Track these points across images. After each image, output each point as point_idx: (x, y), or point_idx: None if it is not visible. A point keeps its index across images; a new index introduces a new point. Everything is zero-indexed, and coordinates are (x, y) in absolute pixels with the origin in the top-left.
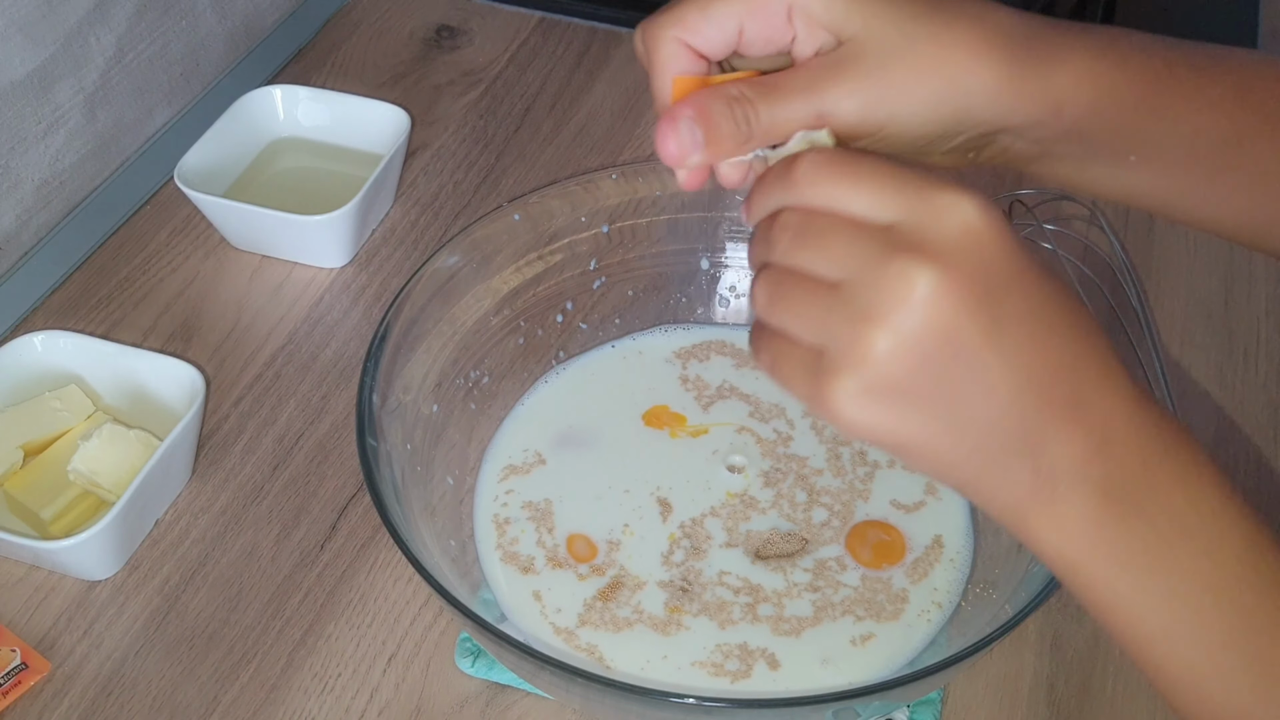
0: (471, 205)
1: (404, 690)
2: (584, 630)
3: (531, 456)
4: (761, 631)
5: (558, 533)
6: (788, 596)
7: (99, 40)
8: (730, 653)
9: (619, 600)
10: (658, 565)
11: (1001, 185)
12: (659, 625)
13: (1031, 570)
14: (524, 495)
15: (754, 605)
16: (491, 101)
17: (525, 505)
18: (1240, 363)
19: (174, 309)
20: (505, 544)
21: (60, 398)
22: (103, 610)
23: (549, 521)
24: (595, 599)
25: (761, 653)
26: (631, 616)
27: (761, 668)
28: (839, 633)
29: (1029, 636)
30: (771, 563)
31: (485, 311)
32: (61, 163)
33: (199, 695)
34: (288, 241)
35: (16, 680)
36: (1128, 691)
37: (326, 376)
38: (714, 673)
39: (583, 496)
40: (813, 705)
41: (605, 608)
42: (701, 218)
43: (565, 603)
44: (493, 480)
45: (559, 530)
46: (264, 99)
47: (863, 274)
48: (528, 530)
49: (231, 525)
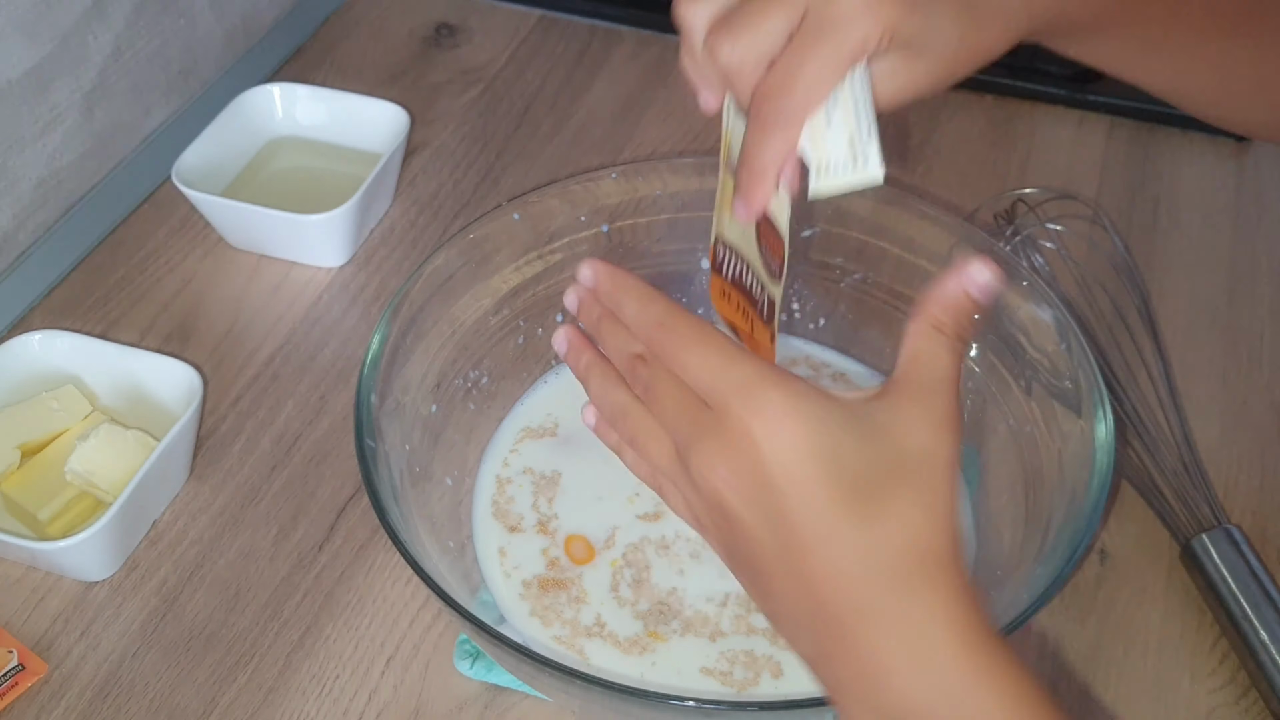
0: (471, 204)
1: (402, 692)
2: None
3: (530, 456)
4: (759, 641)
5: (558, 536)
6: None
7: (96, 39)
8: (735, 659)
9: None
10: (654, 568)
11: (1004, 186)
12: (640, 642)
13: (1033, 574)
14: (523, 497)
15: (745, 616)
16: (491, 100)
17: (525, 507)
18: (1244, 362)
19: (172, 308)
20: (504, 545)
21: (57, 398)
22: (100, 611)
23: (549, 525)
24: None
25: (767, 661)
26: (624, 621)
27: (765, 676)
28: None
29: (1031, 638)
30: None
31: (484, 311)
32: (59, 161)
33: (196, 697)
34: (286, 241)
35: (13, 681)
36: (1130, 694)
37: (325, 376)
38: (717, 680)
39: (583, 498)
40: (813, 708)
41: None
42: (701, 217)
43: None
44: (491, 481)
45: (559, 533)
46: (262, 97)
47: (682, 439)
48: (528, 534)
49: (229, 526)
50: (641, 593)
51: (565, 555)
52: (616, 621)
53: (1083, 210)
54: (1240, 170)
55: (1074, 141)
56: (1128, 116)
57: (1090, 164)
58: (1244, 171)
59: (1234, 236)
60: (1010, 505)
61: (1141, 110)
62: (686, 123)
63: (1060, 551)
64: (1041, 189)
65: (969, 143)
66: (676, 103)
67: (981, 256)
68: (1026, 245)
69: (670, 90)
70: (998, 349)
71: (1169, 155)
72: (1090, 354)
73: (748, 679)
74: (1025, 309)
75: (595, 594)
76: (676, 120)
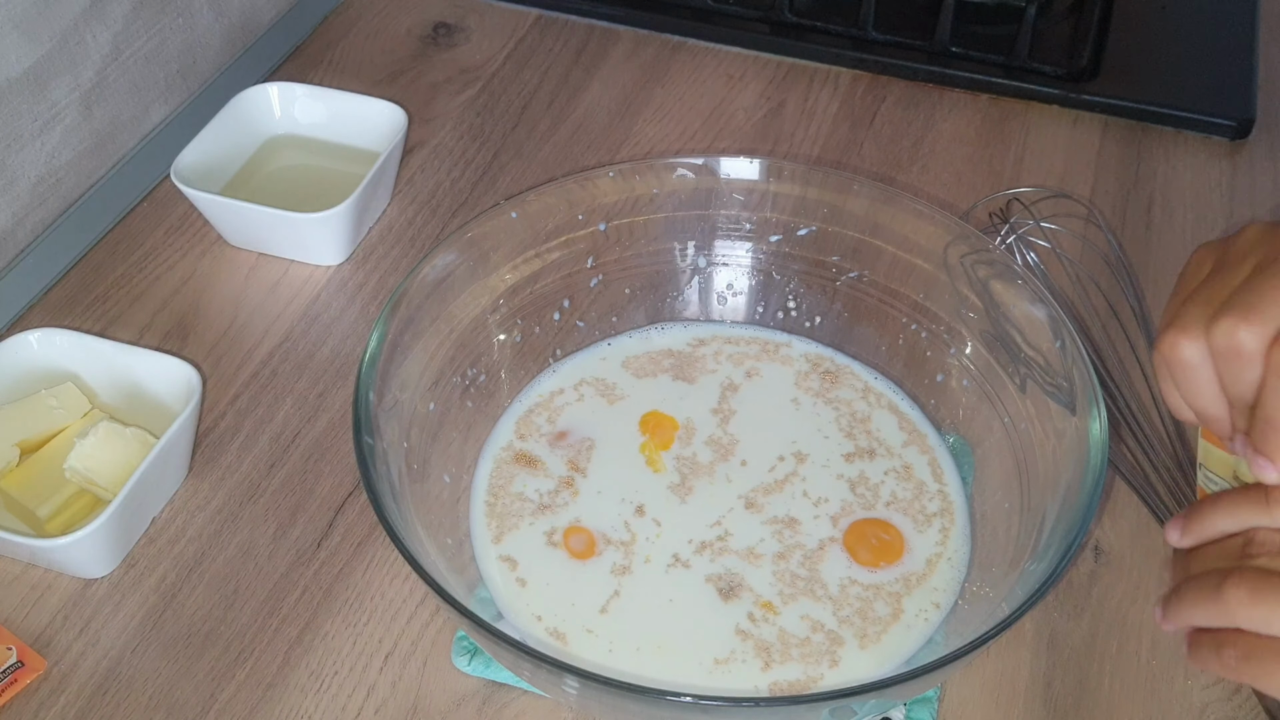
0: (468, 203)
1: (400, 688)
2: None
3: (529, 456)
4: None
5: (556, 533)
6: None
7: (95, 37)
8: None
9: (633, 572)
10: (655, 564)
11: (999, 184)
12: (657, 623)
13: (1028, 570)
14: (521, 496)
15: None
16: (489, 99)
17: (523, 505)
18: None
19: (170, 307)
20: (502, 542)
21: (56, 395)
22: (99, 608)
23: (548, 521)
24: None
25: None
26: (629, 611)
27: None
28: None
29: (1025, 635)
30: (778, 565)
31: (482, 309)
32: (57, 160)
33: (195, 693)
34: (284, 239)
35: (13, 678)
36: (1124, 689)
37: (323, 374)
38: (715, 670)
39: (585, 493)
40: (809, 703)
41: (621, 581)
42: (698, 215)
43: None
44: (489, 478)
45: (557, 530)
46: (260, 96)
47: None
48: (525, 529)
49: (228, 523)
50: (642, 590)
51: (564, 550)
52: (615, 619)
53: (1077, 209)
54: (1234, 169)
55: (1068, 140)
56: (1122, 116)
57: (1084, 163)
58: (1237, 170)
59: (1227, 235)
60: (1005, 501)
61: (1135, 109)
62: (683, 121)
63: (1055, 548)
64: (1036, 187)
65: (964, 142)
66: (673, 102)
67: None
68: (1021, 243)
69: (667, 89)
70: (993, 347)
71: (1163, 154)
72: (1084, 352)
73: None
74: (1020, 307)
75: (593, 591)
76: (673, 119)
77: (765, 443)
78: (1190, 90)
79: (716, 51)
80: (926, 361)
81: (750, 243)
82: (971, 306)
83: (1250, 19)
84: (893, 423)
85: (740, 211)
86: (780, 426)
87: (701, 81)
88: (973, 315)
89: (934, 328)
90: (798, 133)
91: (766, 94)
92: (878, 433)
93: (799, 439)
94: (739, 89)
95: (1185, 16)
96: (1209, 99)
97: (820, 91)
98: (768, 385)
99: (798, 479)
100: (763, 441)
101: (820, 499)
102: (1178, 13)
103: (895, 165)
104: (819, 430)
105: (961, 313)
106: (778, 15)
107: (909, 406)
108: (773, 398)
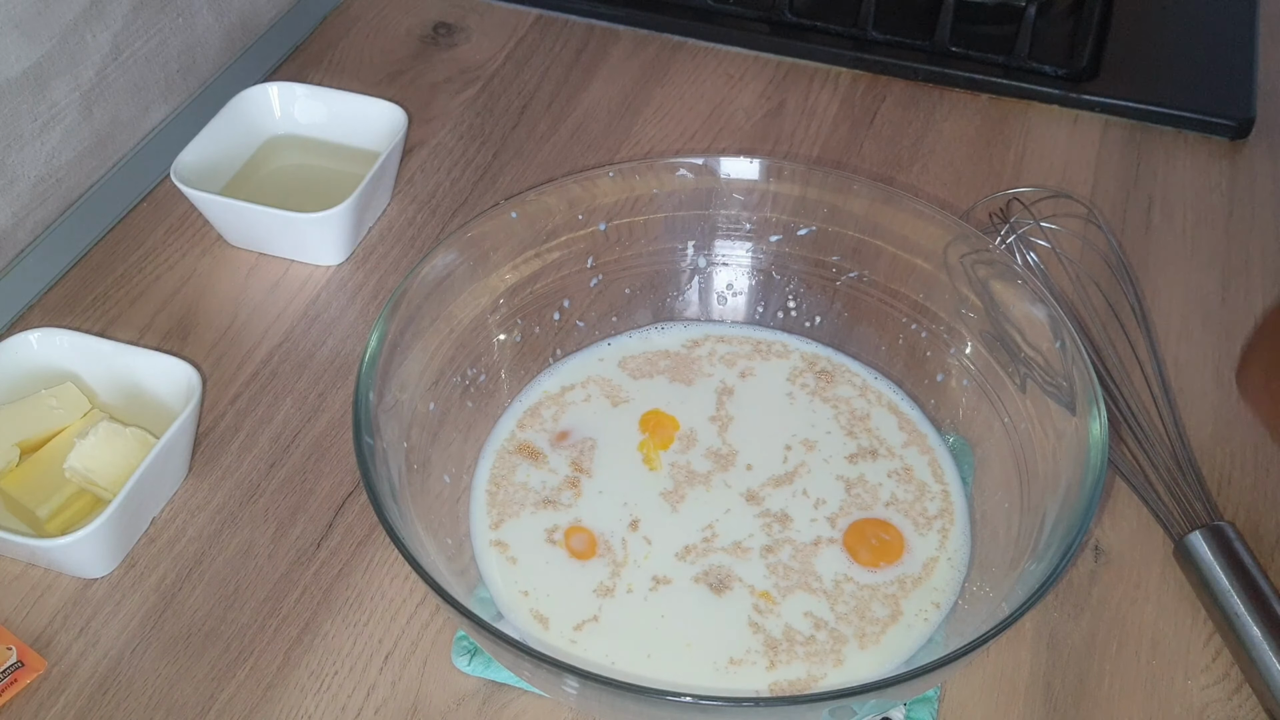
0: (468, 203)
1: (400, 688)
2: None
3: (532, 448)
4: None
5: (556, 534)
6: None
7: (95, 37)
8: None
9: (616, 596)
10: (656, 563)
11: (999, 184)
12: (654, 625)
13: (1027, 570)
14: (521, 495)
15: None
16: (489, 99)
17: (525, 495)
18: (1237, 360)
19: (170, 306)
20: (500, 528)
21: (56, 395)
22: (99, 608)
23: (549, 518)
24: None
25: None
26: (628, 613)
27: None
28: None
29: (1025, 635)
30: (768, 558)
31: (482, 309)
32: (57, 160)
33: (195, 693)
34: (284, 239)
35: (12, 678)
36: (1124, 689)
37: (323, 374)
38: (715, 671)
39: (587, 494)
40: (809, 703)
41: (603, 604)
42: (698, 215)
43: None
44: (489, 478)
45: (558, 528)
46: (260, 96)
47: None
48: (525, 530)
49: (228, 523)
50: (641, 589)
51: (565, 549)
52: (617, 618)
53: (1077, 209)
54: (1234, 169)
55: (1068, 140)
56: (1122, 115)
57: (1084, 162)
58: (1237, 170)
59: (1227, 234)
60: (1005, 501)
61: (1135, 109)
62: (683, 122)
63: (1055, 548)
64: (1036, 187)
65: (964, 141)
66: (673, 102)
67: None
68: (1021, 243)
69: (667, 89)
70: (993, 347)
71: (1163, 154)
72: (1084, 352)
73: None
74: (1020, 307)
75: (592, 590)
76: (673, 119)
77: (766, 441)
78: (1190, 90)
79: (716, 51)
80: (926, 361)
81: (750, 243)
82: (971, 306)
83: (1250, 19)
84: (892, 422)
85: (740, 211)
86: (779, 423)
87: (701, 81)
88: (973, 315)
89: (934, 328)
90: (798, 133)
91: (766, 94)
92: (878, 431)
93: (800, 432)
94: (739, 89)
95: (1185, 16)
96: (1209, 99)
97: (820, 91)
98: (762, 384)
99: (805, 470)
100: (764, 440)
101: (819, 500)
102: (1178, 13)
103: (895, 165)
104: (819, 426)
105: (961, 313)
106: (778, 15)
107: (909, 406)
108: (768, 397)
